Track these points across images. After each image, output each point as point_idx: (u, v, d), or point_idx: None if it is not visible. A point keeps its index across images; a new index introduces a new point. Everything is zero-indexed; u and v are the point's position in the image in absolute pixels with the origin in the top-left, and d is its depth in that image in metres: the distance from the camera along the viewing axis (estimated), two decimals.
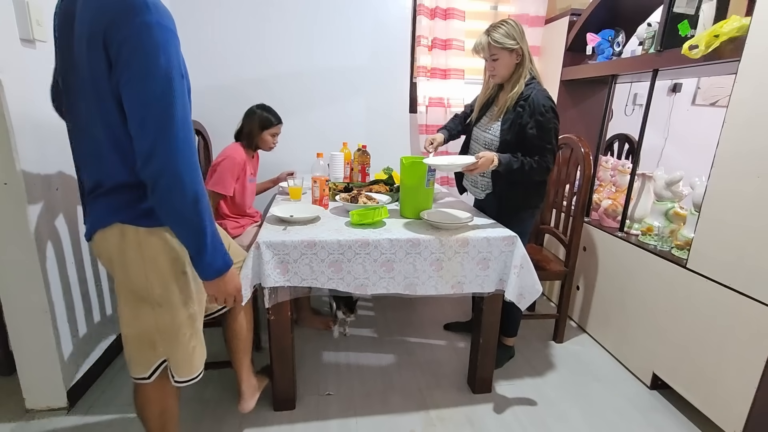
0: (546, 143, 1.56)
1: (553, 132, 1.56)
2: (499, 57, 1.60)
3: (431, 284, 1.47)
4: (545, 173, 1.60)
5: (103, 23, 0.77)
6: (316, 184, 1.77)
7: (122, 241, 0.93)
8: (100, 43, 0.78)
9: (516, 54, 1.59)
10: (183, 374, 1.07)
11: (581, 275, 2.21)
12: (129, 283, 0.97)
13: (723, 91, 2.94)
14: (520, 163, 1.56)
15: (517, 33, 1.58)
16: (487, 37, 1.58)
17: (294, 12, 2.51)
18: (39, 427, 1.46)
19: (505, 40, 1.57)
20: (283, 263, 1.37)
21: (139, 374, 1.05)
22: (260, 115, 1.94)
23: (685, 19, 1.66)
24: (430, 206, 1.68)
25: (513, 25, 1.59)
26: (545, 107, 1.54)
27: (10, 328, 1.46)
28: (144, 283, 0.96)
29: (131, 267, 0.95)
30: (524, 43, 1.60)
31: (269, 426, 1.50)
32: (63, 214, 1.51)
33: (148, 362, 1.04)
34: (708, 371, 1.49)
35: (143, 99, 0.79)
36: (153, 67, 0.78)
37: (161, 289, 0.97)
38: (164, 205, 0.85)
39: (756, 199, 1.32)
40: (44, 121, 1.41)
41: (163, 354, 1.04)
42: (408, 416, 1.58)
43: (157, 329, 1.00)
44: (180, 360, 1.05)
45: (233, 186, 1.88)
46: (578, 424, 1.58)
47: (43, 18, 1.36)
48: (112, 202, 0.92)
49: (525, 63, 1.61)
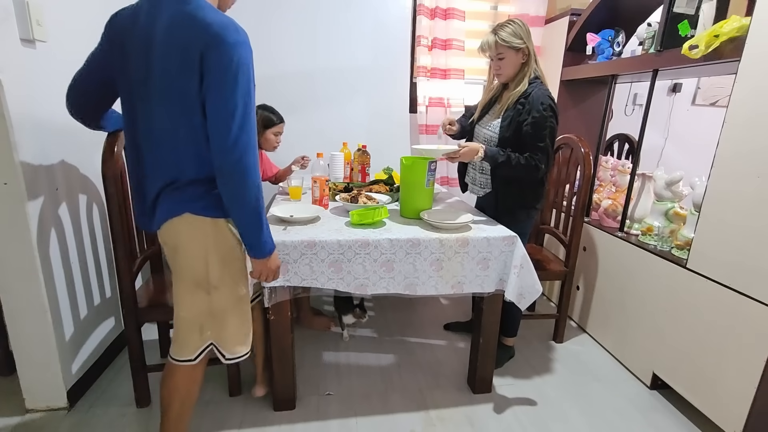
0: (538, 141, 1.55)
1: (548, 131, 1.55)
2: (505, 56, 1.60)
3: (431, 284, 1.47)
4: (533, 172, 1.57)
5: (199, 46, 0.93)
6: (316, 184, 1.77)
7: (190, 228, 1.07)
8: (196, 62, 0.94)
9: (522, 53, 1.60)
10: (235, 351, 1.18)
11: (581, 275, 2.21)
12: (190, 269, 1.10)
13: (723, 91, 2.94)
14: (507, 158, 1.56)
15: (524, 32, 1.59)
16: (495, 36, 1.59)
17: (294, 12, 2.51)
18: (39, 427, 1.46)
19: (512, 39, 1.57)
20: (283, 263, 1.37)
21: (185, 356, 1.15)
22: (262, 115, 1.97)
23: (685, 19, 1.66)
24: (430, 206, 1.68)
25: (520, 24, 1.60)
26: (543, 105, 1.54)
27: (10, 328, 1.45)
28: (204, 267, 1.09)
29: (195, 251, 1.08)
30: (530, 43, 1.61)
31: (269, 426, 1.50)
32: (63, 214, 1.51)
33: (195, 345, 1.14)
34: (708, 371, 1.49)
35: (231, 105, 0.95)
36: (240, 80, 0.96)
37: (220, 272, 1.11)
38: (236, 189, 1.00)
39: (756, 199, 1.32)
40: (44, 120, 1.42)
41: (210, 338, 1.15)
42: (408, 416, 1.58)
43: (210, 313, 1.13)
44: (231, 338, 1.17)
45: None
46: (578, 424, 1.58)
47: (43, 18, 1.37)
48: (185, 195, 1.05)
49: (530, 62, 1.62)
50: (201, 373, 1.20)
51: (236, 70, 0.95)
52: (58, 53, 1.48)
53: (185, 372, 1.17)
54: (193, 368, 1.17)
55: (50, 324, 1.44)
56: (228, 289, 1.13)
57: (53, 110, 1.46)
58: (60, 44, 1.48)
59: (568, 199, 2.08)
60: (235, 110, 0.96)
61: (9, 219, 1.33)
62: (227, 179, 1.00)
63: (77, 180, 1.61)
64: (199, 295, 1.11)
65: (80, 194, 1.63)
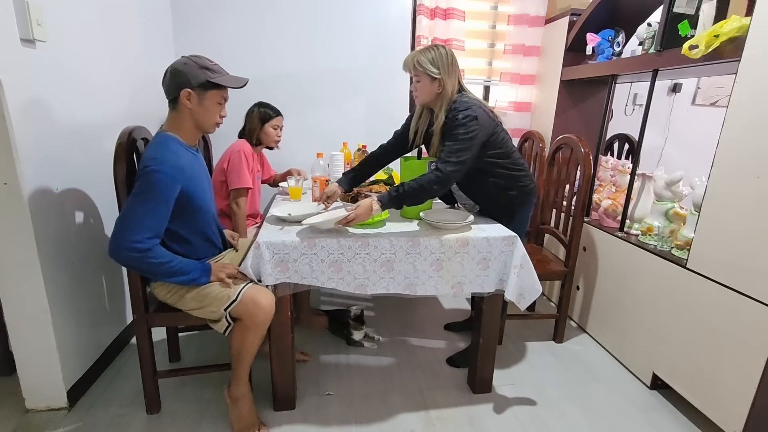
0: (449, 150, 1.46)
1: (461, 138, 1.45)
2: (420, 80, 1.55)
3: (431, 284, 1.47)
4: (444, 181, 1.45)
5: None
6: (316, 184, 1.77)
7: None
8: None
9: (438, 84, 1.53)
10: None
11: (581, 275, 2.21)
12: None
13: (723, 91, 2.94)
14: (402, 190, 1.44)
15: (444, 63, 1.51)
16: (414, 57, 1.54)
17: (294, 12, 2.51)
18: (39, 427, 1.46)
19: (427, 66, 1.51)
20: (283, 263, 1.37)
21: (221, 329, 1.36)
22: (258, 111, 2.03)
23: (685, 19, 1.66)
24: (430, 206, 1.68)
25: (443, 54, 1.53)
26: (458, 118, 1.47)
27: (10, 328, 1.45)
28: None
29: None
30: (449, 76, 1.52)
31: (269, 426, 1.50)
32: (63, 215, 1.52)
33: (217, 319, 1.36)
34: (708, 371, 1.49)
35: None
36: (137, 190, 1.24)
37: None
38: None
39: (756, 199, 1.32)
40: (44, 120, 1.42)
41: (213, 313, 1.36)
42: (408, 416, 1.58)
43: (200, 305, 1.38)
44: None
45: (250, 177, 1.95)
46: (578, 424, 1.58)
47: (43, 18, 1.37)
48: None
49: (445, 95, 1.53)
50: (242, 329, 1.37)
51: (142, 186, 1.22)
52: (58, 53, 1.48)
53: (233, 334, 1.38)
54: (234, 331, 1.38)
55: (50, 324, 1.44)
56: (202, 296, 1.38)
57: (53, 110, 1.46)
58: (60, 44, 1.48)
59: (568, 199, 2.08)
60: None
61: (9, 219, 1.33)
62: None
63: (77, 180, 1.61)
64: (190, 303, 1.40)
65: (80, 194, 1.63)
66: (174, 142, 1.32)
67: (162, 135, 1.33)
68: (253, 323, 1.34)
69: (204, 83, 1.29)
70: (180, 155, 1.31)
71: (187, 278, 1.32)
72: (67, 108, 1.54)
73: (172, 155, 1.27)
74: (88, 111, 1.67)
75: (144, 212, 1.21)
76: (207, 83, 1.29)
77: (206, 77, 1.29)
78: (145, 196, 1.21)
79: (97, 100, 1.73)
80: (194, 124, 1.35)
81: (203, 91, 1.30)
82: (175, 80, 1.28)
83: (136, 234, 1.20)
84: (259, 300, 1.33)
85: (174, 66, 1.29)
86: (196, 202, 1.36)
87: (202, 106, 1.31)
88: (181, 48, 2.44)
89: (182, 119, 1.33)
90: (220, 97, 1.35)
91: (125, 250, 1.20)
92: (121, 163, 1.30)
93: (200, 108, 1.31)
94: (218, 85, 1.32)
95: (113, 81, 1.85)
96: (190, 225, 1.39)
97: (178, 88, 1.28)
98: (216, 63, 1.35)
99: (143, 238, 1.21)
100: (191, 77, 1.27)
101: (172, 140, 1.32)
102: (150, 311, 1.45)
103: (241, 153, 1.92)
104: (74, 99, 1.58)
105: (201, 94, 1.30)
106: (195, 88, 1.28)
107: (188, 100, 1.29)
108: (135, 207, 1.21)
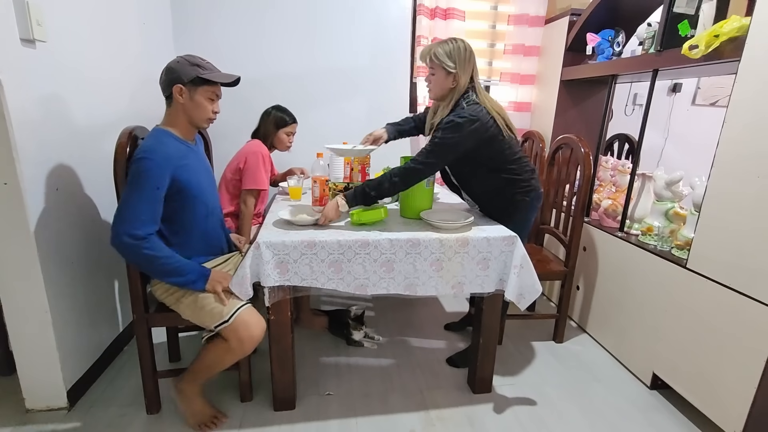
0: (423, 149, 1.49)
1: (436, 141, 1.46)
2: (435, 73, 1.54)
3: (431, 284, 1.47)
4: (405, 176, 1.48)
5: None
6: (316, 184, 1.77)
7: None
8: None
9: (453, 78, 1.51)
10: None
11: (581, 275, 2.21)
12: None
13: (723, 91, 2.94)
14: (365, 186, 1.48)
15: (461, 58, 1.49)
16: (431, 49, 1.53)
17: (294, 12, 2.51)
18: (39, 427, 1.46)
19: (443, 59, 1.49)
20: (283, 263, 1.37)
21: (205, 333, 1.42)
22: (275, 115, 2.06)
23: (685, 19, 1.66)
24: (430, 206, 1.68)
25: (461, 48, 1.50)
26: (444, 121, 1.47)
27: (10, 328, 1.45)
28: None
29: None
30: (464, 72, 1.50)
31: (269, 426, 1.50)
32: (63, 214, 1.51)
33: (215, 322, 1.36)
34: (708, 371, 1.49)
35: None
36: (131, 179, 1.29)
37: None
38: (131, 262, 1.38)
39: (756, 199, 1.32)
40: (44, 120, 1.42)
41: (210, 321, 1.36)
42: (408, 416, 1.58)
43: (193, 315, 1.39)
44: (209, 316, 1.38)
45: (265, 179, 1.98)
46: (578, 424, 1.58)
47: (43, 18, 1.37)
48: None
49: (458, 90, 1.53)
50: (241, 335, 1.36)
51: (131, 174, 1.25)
52: (58, 53, 1.48)
53: (226, 335, 1.37)
54: (227, 331, 1.36)
55: (50, 324, 1.44)
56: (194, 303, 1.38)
57: (53, 110, 1.46)
58: (60, 44, 1.48)
59: (568, 199, 2.08)
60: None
61: (9, 219, 1.33)
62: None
63: (77, 180, 1.61)
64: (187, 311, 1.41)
65: (80, 194, 1.63)
66: (166, 135, 1.36)
67: (155, 129, 1.37)
68: (239, 347, 1.35)
69: (194, 79, 1.33)
70: (169, 145, 1.33)
71: (184, 280, 1.33)
72: (68, 108, 1.54)
73: (160, 145, 1.31)
74: (88, 111, 1.67)
75: (136, 199, 1.25)
76: (197, 79, 1.33)
77: (196, 73, 1.33)
78: (136, 184, 1.25)
79: (97, 100, 1.73)
80: (187, 119, 1.39)
81: (194, 86, 1.34)
82: (168, 77, 1.33)
83: (131, 221, 1.24)
84: (251, 326, 1.34)
85: (168, 64, 1.35)
86: (190, 191, 1.37)
87: (194, 101, 1.35)
88: (181, 48, 2.44)
89: (176, 115, 1.38)
90: (212, 93, 1.39)
91: (121, 236, 1.23)
92: (121, 162, 1.30)
93: (192, 103, 1.35)
94: (209, 81, 1.35)
95: (113, 81, 1.85)
96: (188, 217, 1.40)
97: (171, 84, 1.33)
98: (208, 61, 1.40)
99: (137, 225, 1.24)
100: (182, 74, 1.32)
101: (165, 134, 1.36)
102: (150, 311, 1.46)
103: (258, 155, 1.95)
104: (74, 99, 1.58)
105: (192, 90, 1.34)
106: (186, 83, 1.33)
107: (180, 96, 1.33)
108: (127, 196, 1.25)
